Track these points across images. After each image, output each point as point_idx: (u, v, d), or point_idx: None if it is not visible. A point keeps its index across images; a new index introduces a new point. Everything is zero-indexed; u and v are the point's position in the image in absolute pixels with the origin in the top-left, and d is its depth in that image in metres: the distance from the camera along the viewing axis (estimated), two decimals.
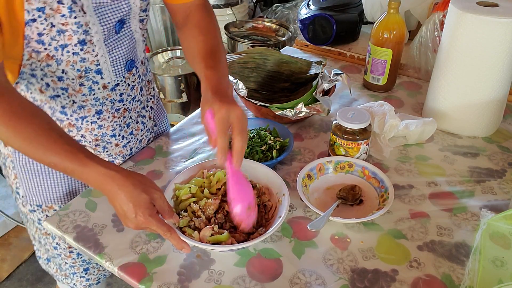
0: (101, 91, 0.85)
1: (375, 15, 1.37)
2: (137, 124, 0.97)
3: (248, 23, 2.24)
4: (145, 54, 0.95)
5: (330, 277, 0.70)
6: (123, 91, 0.89)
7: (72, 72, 0.79)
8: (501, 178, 0.90)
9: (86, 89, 0.83)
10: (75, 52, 0.76)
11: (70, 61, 0.77)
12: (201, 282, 0.70)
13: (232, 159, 0.70)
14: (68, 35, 0.73)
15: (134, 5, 0.81)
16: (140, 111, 0.97)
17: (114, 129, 0.92)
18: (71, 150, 0.67)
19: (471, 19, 0.90)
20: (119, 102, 0.90)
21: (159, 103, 1.08)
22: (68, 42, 0.74)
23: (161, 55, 2.28)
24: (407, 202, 0.84)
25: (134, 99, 0.93)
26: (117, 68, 0.85)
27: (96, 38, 0.77)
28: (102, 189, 0.67)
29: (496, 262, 0.70)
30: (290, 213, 0.82)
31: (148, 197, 0.66)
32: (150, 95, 1.01)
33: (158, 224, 0.67)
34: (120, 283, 1.86)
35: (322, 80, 1.04)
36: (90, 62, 0.79)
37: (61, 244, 0.98)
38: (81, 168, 0.66)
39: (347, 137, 0.87)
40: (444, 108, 1.02)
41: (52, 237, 0.98)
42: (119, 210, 0.67)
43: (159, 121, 1.08)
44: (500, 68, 0.92)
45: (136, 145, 0.99)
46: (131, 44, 0.86)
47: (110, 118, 0.90)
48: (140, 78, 0.94)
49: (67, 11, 0.71)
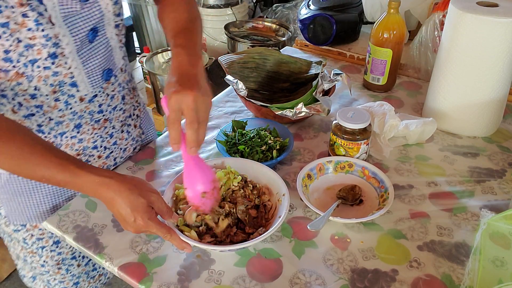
0: (78, 104, 0.81)
1: (375, 15, 1.37)
2: (122, 133, 0.94)
3: (248, 23, 2.24)
4: (126, 60, 0.91)
5: (330, 277, 0.70)
6: (102, 102, 0.85)
7: (45, 88, 0.75)
8: (501, 178, 0.90)
9: (62, 103, 0.79)
10: (46, 66, 0.72)
11: (41, 77, 0.73)
12: (201, 282, 0.70)
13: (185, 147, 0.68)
14: (37, 50, 0.69)
15: (106, 11, 0.77)
16: (125, 120, 0.94)
17: (95, 141, 0.88)
18: (61, 163, 0.66)
19: (471, 19, 0.90)
20: (99, 113, 0.86)
21: (145, 110, 1.05)
22: (38, 57, 0.70)
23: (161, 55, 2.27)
24: (407, 202, 0.84)
25: (115, 109, 0.89)
26: (93, 79, 0.81)
27: (67, 50, 0.73)
28: (99, 197, 0.67)
29: (496, 262, 0.70)
30: (290, 213, 0.82)
31: (146, 200, 0.66)
32: (136, 102, 0.98)
33: (157, 226, 0.67)
34: (120, 283, 1.86)
35: (322, 80, 1.04)
36: (64, 76, 0.75)
37: (49, 261, 0.95)
38: (74, 179, 0.66)
39: (347, 137, 0.87)
40: (444, 108, 1.02)
41: (39, 255, 0.94)
42: (117, 216, 0.67)
43: (146, 128, 1.05)
44: (500, 68, 0.92)
45: (120, 155, 0.96)
46: (107, 53, 0.82)
47: (90, 131, 0.86)
48: (121, 86, 0.90)
49: (34, 24, 0.66)
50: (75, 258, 0.98)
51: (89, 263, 1.02)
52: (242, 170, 0.82)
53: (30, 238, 0.92)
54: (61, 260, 0.96)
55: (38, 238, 0.92)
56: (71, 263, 0.98)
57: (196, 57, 0.73)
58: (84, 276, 1.02)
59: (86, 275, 1.02)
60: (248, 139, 0.92)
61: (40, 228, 0.91)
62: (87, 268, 1.01)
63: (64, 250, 0.96)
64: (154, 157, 0.97)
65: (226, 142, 0.94)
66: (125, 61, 0.91)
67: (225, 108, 1.14)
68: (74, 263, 0.98)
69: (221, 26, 2.20)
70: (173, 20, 0.81)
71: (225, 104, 1.16)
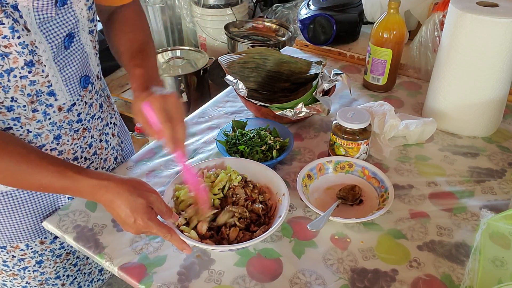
0: (57, 114, 0.78)
1: (375, 15, 1.37)
2: (100, 143, 0.91)
3: (248, 23, 2.24)
4: (99, 67, 0.89)
5: (330, 277, 0.70)
6: (80, 110, 0.83)
7: (22, 98, 0.72)
8: (501, 178, 0.90)
9: (40, 114, 0.76)
10: (23, 75, 0.69)
11: (18, 87, 0.70)
12: (201, 282, 0.70)
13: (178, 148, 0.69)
14: (13, 58, 0.66)
15: (81, 16, 0.76)
16: (103, 129, 0.92)
17: (75, 151, 0.85)
18: (58, 170, 0.66)
19: (471, 19, 0.90)
20: (77, 123, 0.83)
21: (120, 118, 1.03)
22: (14, 66, 0.67)
23: (161, 55, 2.27)
24: (407, 202, 0.84)
25: (94, 117, 0.87)
26: (71, 86, 0.78)
27: (44, 57, 0.71)
28: (98, 200, 0.67)
29: (496, 262, 0.70)
30: (290, 213, 0.82)
31: (145, 201, 0.66)
32: (113, 110, 0.97)
33: (158, 227, 0.67)
34: (120, 283, 1.86)
35: (322, 80, 1.04)
36: (41, 84, 0.73)
37: (32, 282, 0.92)
38: (72, 184, 0.66)
39: (347, 137, 0.87)
40: (444, 108, 1.02)
41: (21, 277, 0.90)
42: (117, 218, 0.67)
43: (124, 137, 1.02)
44: (500, 68, 0.92)
45: (101, 165, 0.93)
46: (83, 59, 0.80)
47: (70, 141, 0.83)
48: (98, 94, 0.88)
49: (9, 31, 0.64)
50: (59, 277, 0.95)
51: (74, 282, 0.98)
52: (242, 170, 0.82)
53: (11, 260, 0.88)
54: (44, 280, 0.93)
55: (19, 259, 0.88)
56: (55, 282, 0.95)
57: (156, 74, 0.80)
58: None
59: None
60: (248, 139, 0.92)
61: (22, 249, 0.87)
62: (72, 287, 0.98)
63: (48, 270, 0.92)
64: (154, 157, 0.97)
65: (226, 142, 0.94)
66: (99, 68, 0.89)
67: (225, 108, 1.14)
68: (58, 282, 0.95)
69: (221, 26, 2.20)
70: (129, 41, 0.83)
71: (225, 104, 1.16)
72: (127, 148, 1.04)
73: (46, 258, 0.91)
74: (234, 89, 1.03)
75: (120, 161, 1.01)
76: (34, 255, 0.89)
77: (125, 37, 0.84)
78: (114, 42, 0.86)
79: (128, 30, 0.84)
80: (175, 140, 0.68)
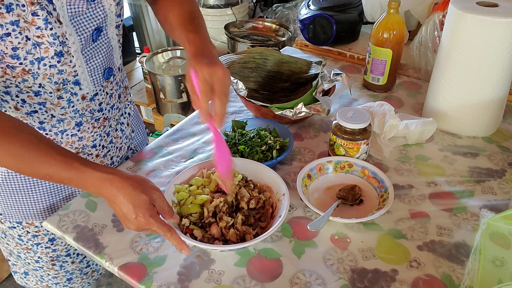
0: (80, 102, 0.82)
1: (375, 15, 1.37)
2: (116, 132, 0.95)
3: (248, 23, 2.24)
4: (121, 60, 0.93)
5: (330, 277, 0.70)
6: (102, 100, 0.87)
7: (49, 86, 0.76)
8: (501, 178, 0.90)
9: (65, 101, 0.80)
10: (52, 64, 0.73)
11: (47, 74, 0.74)
12: (201, 282, 0.70)
13: (213, 121, 0.71)
14: (44, 48, 0.70)
15: (109, 11, 0.79)
16: (119, 118, 0.95)
17: (95, 139, 0.89)
18: (65, 160, 0.66)
19: (471, 19, 0.90)
20: (99, 112, 0.87)
21: (135, 109, 1.06)
22: (45, 55, 0.71)
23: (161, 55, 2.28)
24: (407, 202, 0.84)
25: (113, 107, 0.91)
26: (95, 77, 0.82)
27: (73, 49, 0.74)
28: (101, 193, 0.67)
29: (496, 262, 0.70)
30: (290, 213, 0.82)
31: (148, 197, 0.66)
32: (127, 101, 1.00)
33: (159, 224, 0.67)
34: (120, 283, 1.87)
35: (322, 80, 1.04)
36: (68, 74, 0.76)
37: (43, 257, 0.97)
38: (78, 176, 0.66)
39: (347, 137, 0.87)
40: (444, 108, 1.02)
41: (34, 252, 0.96)
42: (119, 213, 0.67)
43: (136, 126, 1.06)
44: (500, 68, 0.92)
45: (116, 154, 0.97)
46: (108, 52, 0.84)
47: (90, 129, 0.87)
48: (118, 85, 0.91)
49: (43, 23, 0.68)
50: (70, 255, 0.99)
51: (83, 260, 1.03)
52: (242, 170, 0.82)
53: (25, 235, 0.93)
54: (55, 257, 0.98)
55: (33, 235, 0.93)
56: (65, 259, 0.99)
57: (210, 41, 0.79)
58: (77, 272, 1.03)
59: (80, 271, 1.03)
60: (248, 139, 0.92)
61: (36, 226, 0.92)
62: (81, 265, 1.03)
63: (59, 248, 0.97)
64: (154, 157, 0.98)
65: (226, 142, 0.94)
66: (121, 61, 0.93)
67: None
68: (68, 260, 1.00)
69: (221, 26, 2.20)
70: (179, 11, 0.84)
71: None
72: (139, 137, 1.08)
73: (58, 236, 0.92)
74: (234, 89, 1.03)
75: (133, 150, 1.05)
76: (48, 233, 0.94)
77: (175, 9, 0.85)
78: (165, 17, 0.88)
79: (173, 3, 0.86)
80: (210, 113, 0.70)
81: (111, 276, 1.89)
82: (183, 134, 1.05)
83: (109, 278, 1.91)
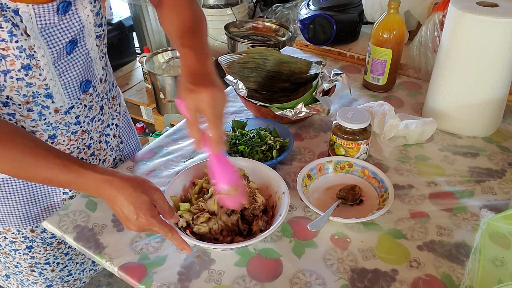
0: (53, 116, 0.78)
1: (375, 15, 1.37)
2: (100, 144, 0.91)
3: (248, 23, 2.25)
4: (107, 69, 0.89)
5: (330, 277, 0.70)
6: (79, 113, 0.82)
7: (17, 98, 0.72)
8: (501, 178, 0.90)
9: (36, 114, 0.76)
10: (20, 77, 0.69)
11: (14, 87, 0.70)
12: (201, 282, 0.70)
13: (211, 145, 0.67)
14: (10, 61, 0.67)
15: (87, 22, 0.75)
16: (103, 130, 0.91)
17: (72, 152, 0.85)
18: (64, 163, 0.66)
19: (471, 19, 0.90)
20: (76, 125, 0.83)
21: (126, 119, 1.02)
22: (11, 68, 0.68)
23: (161, 55, 2.28)
24: (407, 202, 0.84)
25: (93, 120, 0.87)
26: (70, 90, 0.78)
27: (43, 62, 0.71)
28: (101, 195, 0.67)
29: (496, 262, 0.70)
30: (290, 213, 0.82)
31: (148, 198, 0.66)
32: (115, 112, 0.96)
33: (160, 225, 0.67)
34: (120, 283, 1.86)
35: (322, 80, 1.04)
36: (38, 87, 0.73)
37: (22, 262, 0.94)
38: (78, 178, 0.66)
39: (347, 137, 0.87)
40: (444, 108, 1.02)
41: (12, 257, 0.93)
42: (120, 214, 0.67)
43: (126, 138, 1.02)
44: (500, 68, 0.92)
45: (99, 165, 0.91)
46: (86, 64, 0.80)
47: (65, 142, 0.83)
48: (100, 96, 0.87)
49: (7, 35, 0.65)
50: (49, 263, 0.96)
51: (65, 269, 0.99)
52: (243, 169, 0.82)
53: (3, 241, 0.91)
54: (34, 264, 0.95)
55: (11, 241, 0.91)
56: (45, 267, 0.96)
57: (204, 55, 0.72)
58: (57, 280, 1.00)
59: (60, 279, 1.00)
60: (248, 139, 0.92)
61: (13, 232, 0.90)
62: (62, 273, 1.00)
63: (37, 255, 0.94)
64: (154, 157, 0.98)
65: (226, 142, 0.94)
66: (105, 71, 0.88)
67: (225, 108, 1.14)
68: (47, 267, 0.97)
69: (221, 26, 2.20)
70: (177, 21, 0.80)
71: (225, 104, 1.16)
72: (129, 148, 1.04)
73: (36, 244, 0.92)
74: (234, 89, 1.03)
75: (119, 161, 1.01)
76: (25, 240, 0.91)
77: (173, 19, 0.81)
78: (165, 26, 0.84)
79: (174, 12, 0.82)
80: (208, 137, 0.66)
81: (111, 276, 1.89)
82: (183, 134, 1.05)
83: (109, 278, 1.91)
